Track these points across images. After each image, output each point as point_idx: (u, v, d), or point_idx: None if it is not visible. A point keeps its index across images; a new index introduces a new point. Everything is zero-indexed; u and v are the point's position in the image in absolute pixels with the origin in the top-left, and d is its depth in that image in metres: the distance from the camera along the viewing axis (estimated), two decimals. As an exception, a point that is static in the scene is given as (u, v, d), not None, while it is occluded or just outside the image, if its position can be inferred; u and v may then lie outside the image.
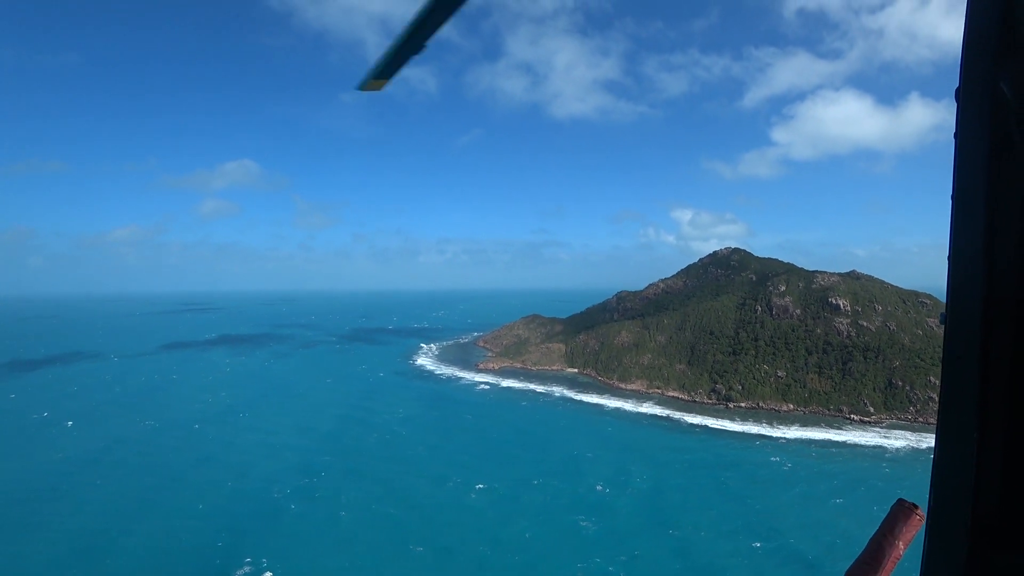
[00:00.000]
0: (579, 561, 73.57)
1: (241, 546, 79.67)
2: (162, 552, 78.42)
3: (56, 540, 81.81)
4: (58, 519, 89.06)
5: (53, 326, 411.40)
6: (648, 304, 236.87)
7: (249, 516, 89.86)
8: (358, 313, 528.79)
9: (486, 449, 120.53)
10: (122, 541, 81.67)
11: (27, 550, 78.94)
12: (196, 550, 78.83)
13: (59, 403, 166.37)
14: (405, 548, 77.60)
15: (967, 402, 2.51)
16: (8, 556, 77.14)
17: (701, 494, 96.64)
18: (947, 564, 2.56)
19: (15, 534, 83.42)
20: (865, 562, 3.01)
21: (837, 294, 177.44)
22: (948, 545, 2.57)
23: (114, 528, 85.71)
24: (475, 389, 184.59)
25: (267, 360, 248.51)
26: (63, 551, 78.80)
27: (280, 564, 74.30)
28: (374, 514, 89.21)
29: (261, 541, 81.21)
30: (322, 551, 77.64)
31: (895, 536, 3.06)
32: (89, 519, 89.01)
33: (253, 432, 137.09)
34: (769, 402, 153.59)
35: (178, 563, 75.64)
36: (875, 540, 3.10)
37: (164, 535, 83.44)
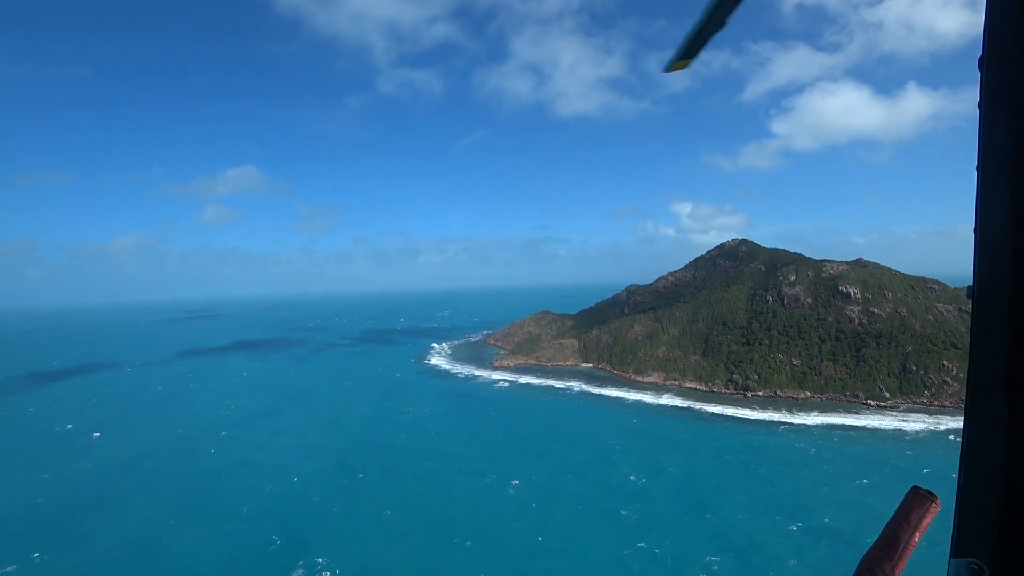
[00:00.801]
0: (625, 546, 76.73)
1: (296, 545, 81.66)
2: (218, 554, 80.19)
3: (110, 547, 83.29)
4: (106, 527, 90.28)
5: (61, 337, 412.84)
6: (658, 297, 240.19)
7: (296, 516, 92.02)
8: (364, 315, 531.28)
9: (516, 444, 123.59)
10: (175, 546, 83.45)
11: (84, 558, 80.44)
12: (252, 551, 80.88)
13: (82, 413, 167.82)
14: (456, 541, 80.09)
15: (996, 377, 2.48)
16: (69, 565, 78.66)
17: (732, 479, 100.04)
18: (977, 545, 2.53)
19: (69, 543, 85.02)
20: (880, 548, 3.05)
21: (847, 282, 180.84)
22: (978, 525, 2.54)
23: (164, 534, 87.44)
24: (494, 386, 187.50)
25: (284, 364, 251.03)
26: (119, 557, 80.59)
27: (339, 562, 76.37)
28: (419, 510, 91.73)
29: (313, 540, 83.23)
30: (376, 547, 79.90)
31: (910, 523, 3.10)
32: (137, 526, 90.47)
33: (283, 435, 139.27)
34: (786, 390, 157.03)
35: (238, 565, 77.39)
36: (890, 527, 3.16)
37: (217, 538, 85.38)
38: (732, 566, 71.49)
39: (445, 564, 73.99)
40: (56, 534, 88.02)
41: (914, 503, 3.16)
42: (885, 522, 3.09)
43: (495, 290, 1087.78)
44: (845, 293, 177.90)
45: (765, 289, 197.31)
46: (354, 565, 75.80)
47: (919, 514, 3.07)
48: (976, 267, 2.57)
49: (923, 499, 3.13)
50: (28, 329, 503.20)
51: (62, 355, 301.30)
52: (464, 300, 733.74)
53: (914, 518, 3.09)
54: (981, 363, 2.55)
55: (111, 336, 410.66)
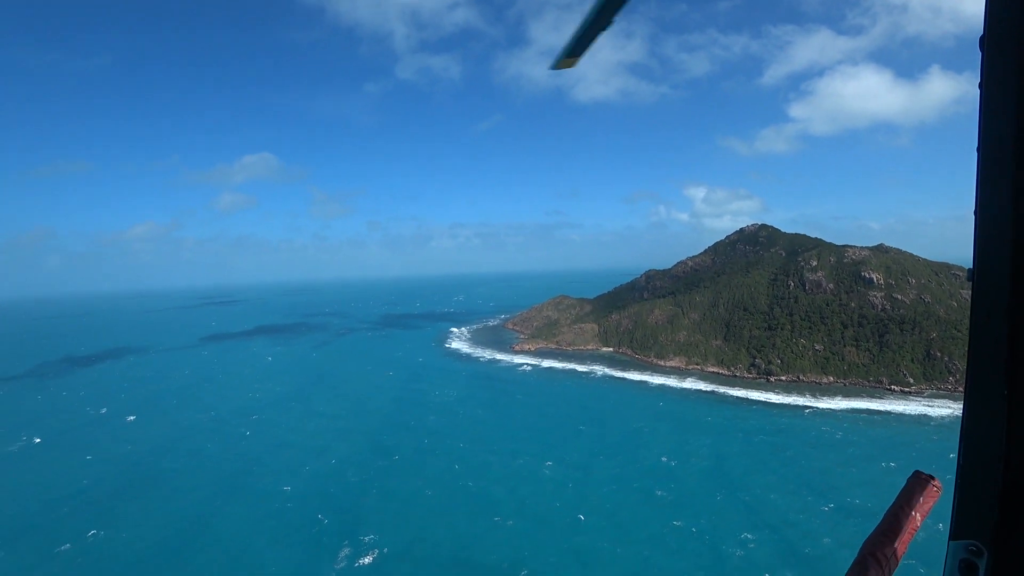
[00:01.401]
0: (662, 524, 79.67)
1: (342, 524, 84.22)
2: (267, 532, 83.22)
3: (162, 525, 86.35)
4: (155, 506, 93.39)
5: (86, 324, 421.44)
6: (677, 282, 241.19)
7: (338, 496, 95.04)
8: (381, 300, 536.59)
9: (545, 426, 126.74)
10: (224, 524, 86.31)
11: (138, 535, 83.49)
12: (300, 528, 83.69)
13: (115, 397, 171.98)
14: (497, 520, 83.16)
15: (996, 360, 2.49)
16: (125, 541, 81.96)
17: (761, 459, 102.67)
18: (976, 527, 2.55)
19: (122, 521, 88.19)
20: (883, 532, 3.07)
21: (869, 268, 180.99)
22: (978, 508, 2.55)
23: (212, 512, 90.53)
24: (517, 370, 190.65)
25: (307, 349, 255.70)
26: (171, 533, 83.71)
27: (386, 539, 78.94)
28: (458, 489, 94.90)
29: (358, 519, 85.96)
30: (421, 525, 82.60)
31: (912, 507, 3.13)
32: (185, 505, 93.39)
33: (315, 418, 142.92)
34: (809, 375, 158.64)
35: (288, 542, 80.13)
36: (892, 511, 3.17)
37: (263, 516, 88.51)
38: (767, 542, 74.17)
39: (490, 541, 77.04)
40: (108, 513, 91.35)
41: (916, 487, 3.26)
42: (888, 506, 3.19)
43: (508, 275, 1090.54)
44: (868, 279, 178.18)
45: (786, 274, 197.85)
46: (401, 542, 78.54)
47: (921, 498, 3.17)
48: (976, 250, 2.59)
49: (925, 483, 3.24)
50: (53, 315, 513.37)
51: (89, 341, 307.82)
52: (478, 285, 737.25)
53: (916, 502, 3.18)
54: (981, 346, 2.58)
55: (134, 322, 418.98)
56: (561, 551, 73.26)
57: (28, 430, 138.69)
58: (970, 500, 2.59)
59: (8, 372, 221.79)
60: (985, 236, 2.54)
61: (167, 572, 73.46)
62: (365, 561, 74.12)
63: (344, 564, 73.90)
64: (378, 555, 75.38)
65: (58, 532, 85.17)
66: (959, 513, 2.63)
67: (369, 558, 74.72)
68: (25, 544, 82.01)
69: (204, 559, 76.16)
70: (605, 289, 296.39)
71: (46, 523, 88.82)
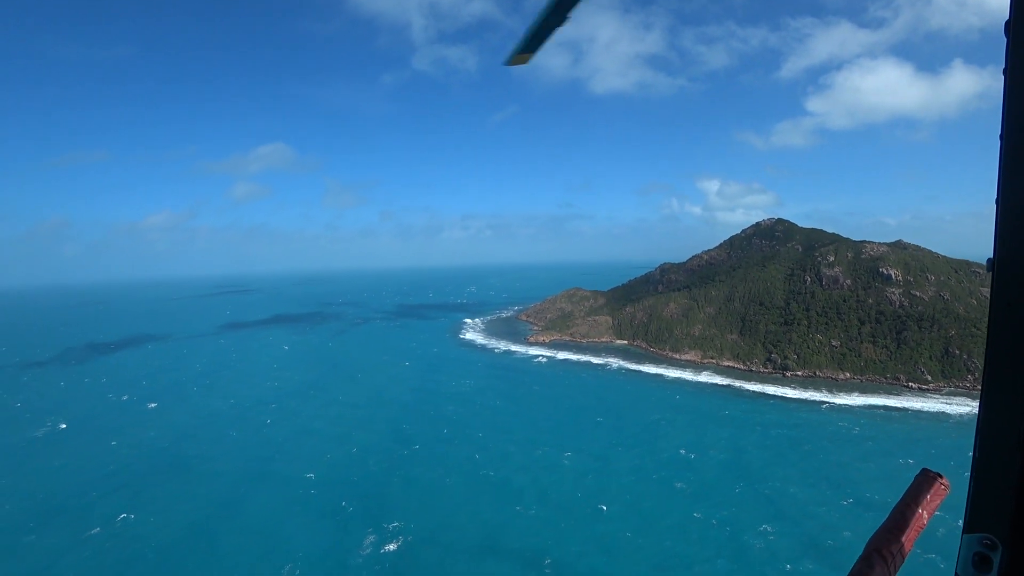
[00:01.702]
0: (683, 514, 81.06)
1: (367, 510, 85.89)
2: (295, 517, 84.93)
3: (191, 509, 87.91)
4: (183, 490, 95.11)
5: (105, 312, 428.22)
6: (692, 276, 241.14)
7: (361, 483, 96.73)
8: (393, 290, 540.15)
9: (563, 417, 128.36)
10: (252, 508, 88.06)
11: (169, 519, 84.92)
12: (326, 514, 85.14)
13: (136, 385, 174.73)
14: (519, 509, 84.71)
15: (1016, 351, 2.45)
16: (157, 525, 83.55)
17: (779, 453, 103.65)
18: (991, 520, 2.52)
19: (151, 505, 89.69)
20: (889, 529, 3.07)
21: (887, 264, 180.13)
22: (993, 501, 2.52)
23: (239, 497, 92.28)
24: (532, 361, 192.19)
25: (324, 338, 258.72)
26: (200, 518, 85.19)
27: (411, 526, 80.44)
28: (481, 478, 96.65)
29: (382, 505, 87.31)
30: (444, 513, 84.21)
31: (919, 504, 3.15)
32: (212, 490, 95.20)
33: (335, 406, 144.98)
34: (826, 371, 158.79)
35: (314, 526, 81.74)
36: (899, 508, 3.18)
37: (289, 502, 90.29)
38: (788, 534, 75.35)
39: (514, 529, 78.76)
40: (137, 497, 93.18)
41: (923, 484, 3.26)
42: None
43: (519, 266, 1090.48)
44: (886, 275, 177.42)
45: (803, 269, 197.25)
46: (426, 529, 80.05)
47: (928, 495, 3.17)
48: (997, 239, 2.55)
49: (932, 480, 3.24)
50: (73, 304, 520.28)
51: (109, 329, 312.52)
52: (489, 276, 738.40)
53: (923, 499, 3.17)
54: (1000, 337, 2.55)
55: (152, 311, 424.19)
56: (584, 539, 74.86)
57: (53, 416, 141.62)
58: (986, 493, 2.55)
59: (32, 358, 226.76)
60: (1006, 225, 2.49)
61: (199, 555, 75.16)
62: (390, 547, 75.78)
63: (370, 550, 75.18)
64: (403, 542, 76.99)
65: (88, 516, 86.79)
66: (974, 506, 2.60)
67: (394, 545, 76.35)
68: (57, 527, 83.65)
69: (235, 543, 77.96)
70: (617, 282, 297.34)
71: (76, 506, 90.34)
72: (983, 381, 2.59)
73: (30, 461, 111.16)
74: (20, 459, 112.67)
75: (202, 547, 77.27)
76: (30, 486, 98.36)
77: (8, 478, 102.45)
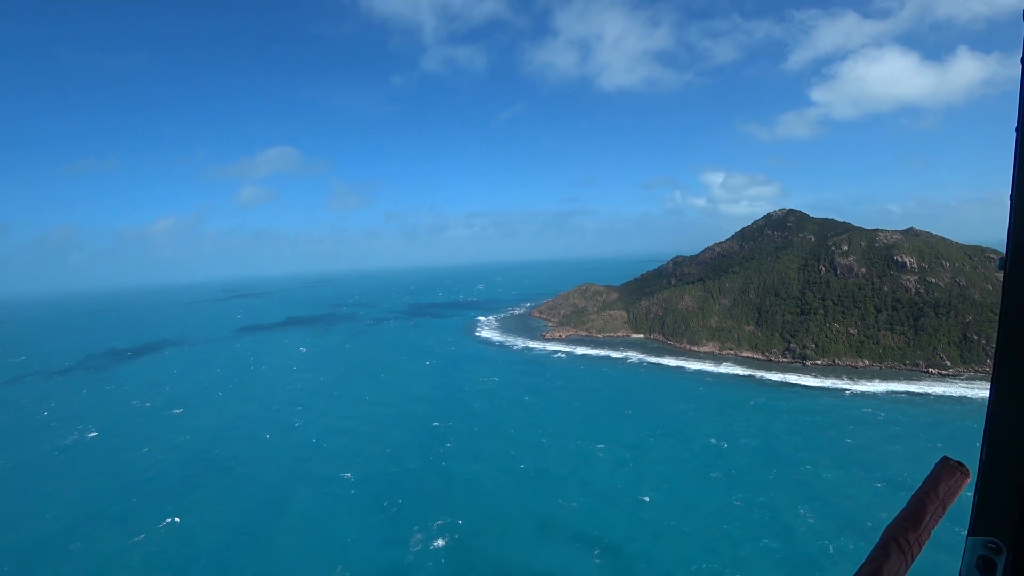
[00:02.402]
0: (722, 500, 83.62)
1: (411, 506, 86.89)
2: (338, 515, 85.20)
3: (239, 510, 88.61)
4: (227, 492, 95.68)
5: (119, 318, 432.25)
6: (706, 268, 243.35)
7: (402, 479, 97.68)
8: (403, 290, 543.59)
9: (592, 410, 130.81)
10: (295, 508, 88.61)
11: (218, 520, 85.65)
12: (372, 513, 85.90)
13: (159, 390, 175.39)
14: (561, 501, 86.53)
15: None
16: (204, 527, 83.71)
17: (807, 439, 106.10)
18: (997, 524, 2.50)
19: (199, 508, 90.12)
20: (906, 518, 3.03)
21: (901, 252, 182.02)
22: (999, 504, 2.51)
23: (282, 497, 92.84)
24: (552, 357, 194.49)
25: (341, 339, 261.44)
26: (249, 519, 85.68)
27: (460, 519, 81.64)
28: (519, 472, 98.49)
29: (426, 501, 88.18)
30: (491, 506, 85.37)
31: (938, 494, 3.09)
32: (254, 490, 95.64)
33: (363, 405, 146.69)
34: (844, 359, 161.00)
35: (361, 523, 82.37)
36: (917, 497, 3.14)
37: (333, 501, 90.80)
38: (827, 515, 77.90)
39: (561, 518, 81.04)
40: (180, 500, 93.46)
41: (943, 473, 3.26)
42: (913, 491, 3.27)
43: (524, 263, 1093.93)
44: (900, 263, 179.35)
45: (817, 259, 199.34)
46: (472, 523, 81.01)
47: (948, 485, 3.14)
48: (1010, 237, 2.47)
49: (953, 470, 3.24)
50: (87, 311, 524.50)
51: (126, 335, 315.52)
52: (496, 274, 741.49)
53: (942, 489, 3.15)
54: (1010, 338, 2.50)
55: (166, 316, 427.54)
56: (631, 525, 77.39)
57: (81, 423, 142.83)
58: (992, 496, 2.54)
59: (53, 366, 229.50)
60: (1021, 223, 2.43)
61: (253, 556, 75.77)
62: (440, 543, 76.69)
63: (420, 547, 76.08)
64: (452, 537, 77.73)
65: (133, 521, 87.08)
66: (979, 508, 2.60)
67: (443, 540, 77.22)
68: (103, 533, 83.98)
69: (286, 543, 78.96)
70: (623, 276, 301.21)
71: (119, 512, 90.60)
72: (992, 381, 2.61)
73: (66, 469, 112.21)
74: (56, 467, 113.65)
75: (254, 549, 77.64)
76: (70, 493, 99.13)
77: (47, 486, 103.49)
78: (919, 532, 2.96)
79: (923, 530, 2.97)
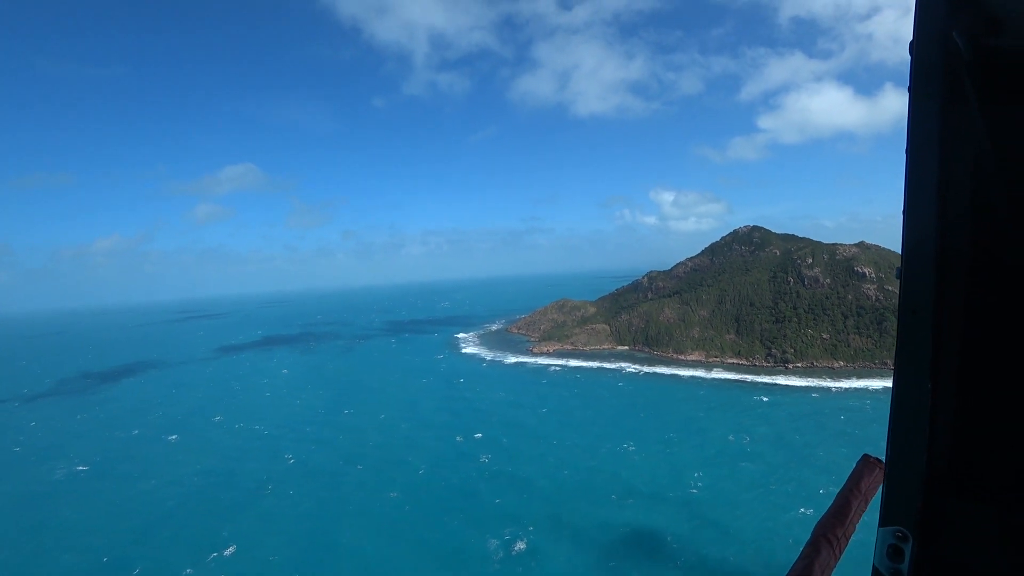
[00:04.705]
0: (760, 490, 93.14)
1: (471, 521, 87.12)
2: (397, 539, 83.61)
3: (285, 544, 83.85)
4: (264, 525, 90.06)
5: (72, 342, 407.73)
6: (680, 282, 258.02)
7: (449, 497, 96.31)
8: (368, 309, 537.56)
9: (608, 415, 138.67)
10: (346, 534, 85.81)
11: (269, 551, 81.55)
12: (434, 527, 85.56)
13: (142, 417, 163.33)
14: (614, 498, 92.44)
15: (922, 355, 2.57)
16: (258, 560, 79.59)
17: (815, 431, 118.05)
18: (903, 512, 2.68)
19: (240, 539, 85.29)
20: (833, 515, 3.26)
21: (860, 263, 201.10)
22: (904, 495, 2.68)
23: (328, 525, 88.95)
24: (548, 370, 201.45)
25: (328, 358, 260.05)
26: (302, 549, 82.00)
27: (528, 526, 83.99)
28: (563, 479, 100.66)
29: (486, 513, 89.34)
30: (555, 512, 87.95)
31: (860, 489, 3.34)
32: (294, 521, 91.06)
33: (379, 424, 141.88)
34: (822, 361, 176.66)
35: (424, 544, 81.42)
36: (842, 494, 3.36)
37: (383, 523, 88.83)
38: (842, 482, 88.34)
39: (624, 516, 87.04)
40: (215, 534, 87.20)
41: (864, 470, 3.51)
42: None
43: (479, 281, 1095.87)
44: (860, 273, 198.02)
45: (785, 271, 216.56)
46: (541, 528, 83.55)
47: (868, 481, 3.41)
48: (904, 250, 2.68)
49: (872, 466, 3.50)
50: (27, 335, 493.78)
51: (87, 359, 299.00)
52: (454, 292, 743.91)
53: (864, 485, 3.40)
54: (907, 341, 2.67)
55: (124, 338, 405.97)
56: (691, 520, 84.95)
57: (64, 457, 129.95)
58: (897, 488, 2.73)
59: (13, 393, 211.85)
60: (911, 237, 2.63)
61: None
62: (520, 547, 78.96)
63: (502, 554, 77.37)
64: (529, 541, 79.91)
65: (170, 560, 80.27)
66: (887, 501, 2.79)
67: (523, 544, 79.43)
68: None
69: (357, 567, 76.98)
70: (585, 292, 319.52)
71: (147, 555, 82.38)
72: (893, 382, 2.78)
73: (63, 510, 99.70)
74: (52, 509, 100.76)
75: (324, 569, 75.87)
76: (78, 540, 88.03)
77: (44, 536, 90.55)
78: (845, 527, 3.23)
79: (848, 524, 3.26)
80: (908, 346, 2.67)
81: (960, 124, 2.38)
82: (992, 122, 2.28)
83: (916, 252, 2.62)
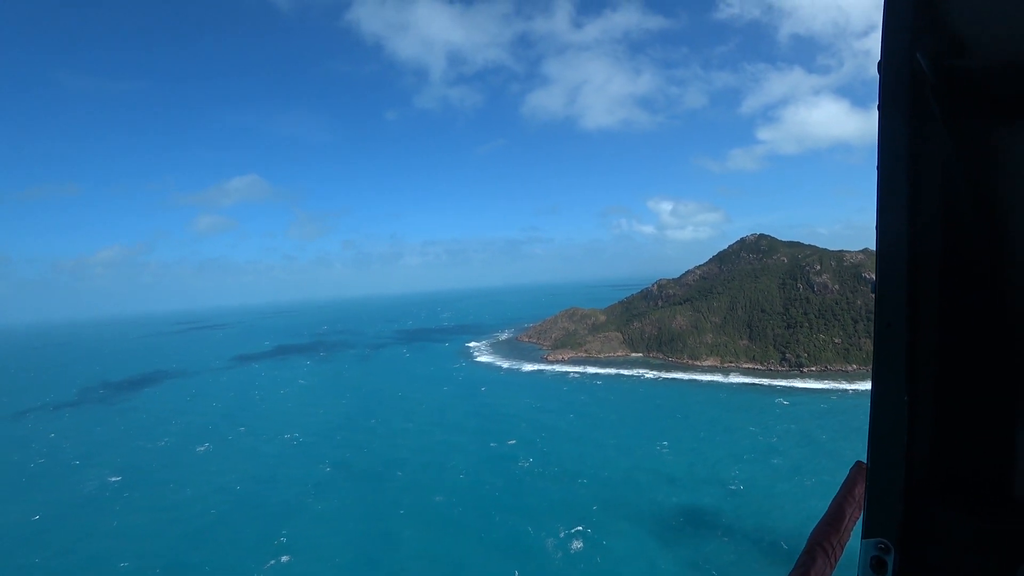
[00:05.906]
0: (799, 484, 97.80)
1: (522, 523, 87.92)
2: (461, 541, 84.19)
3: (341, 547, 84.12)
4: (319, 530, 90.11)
5: (82, 352, 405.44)
6: (690, 290, 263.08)
7: (497, 496, 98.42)
8: (373, 319, 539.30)
9: (636, 418, 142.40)
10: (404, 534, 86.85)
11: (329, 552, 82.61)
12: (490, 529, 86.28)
13: (168, 426, 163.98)
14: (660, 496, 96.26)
15: (897, 367, 2.61)
16: (320, 568, 79.50)
17: (838, 429, 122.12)
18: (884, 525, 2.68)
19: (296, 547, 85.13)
20: (828, 523, 3.26)
21: (867, 269, 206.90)
22: (884, 507, 2.68)
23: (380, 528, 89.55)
24: (567, 377, 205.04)
25: (345, 366, 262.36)
26: (363, 552, 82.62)
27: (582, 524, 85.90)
28: (606, 480, 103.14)
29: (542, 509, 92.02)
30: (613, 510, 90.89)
31: (854, 496, 3.33)
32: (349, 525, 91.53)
33: (408, 432, 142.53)
34: (835, 364, 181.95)
35: (486, 544, 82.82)
36: (836, 502, 3.36)
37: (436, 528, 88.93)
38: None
39: (672, 500, 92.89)
40: (269, 541, 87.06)
41: (858, 477, 3.48)
42: None
43: (478, 291, 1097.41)
44: (868, 279, 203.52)
45: (794, 278, 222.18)
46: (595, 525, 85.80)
47: (862, 488, 3.20)
48: (878, 264, 2.73)
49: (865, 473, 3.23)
50: (38, 346, 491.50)
51: (100, 369, 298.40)
52: (456, 301, 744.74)
53: (858, 492, 3.35)
54: (883, 354, 2.72)
55: (132, 350, 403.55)
56: (735, 504, 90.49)
57: (94, 467, 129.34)
58: (878, 500, 2.73)
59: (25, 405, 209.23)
60: (885, 252, 2.68)
61: None
62: (577, 545, 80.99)
63: (561, 555, 78.73)
64: (586, 538, 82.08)
65: (232, 562, 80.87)
66: (869, 512, 2.77)
67: (579, 543, 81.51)
68: None
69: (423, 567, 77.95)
70: (588, 301, 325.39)
71: (207, 559, 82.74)
72: (871, 394, 2.79)
73: (109, 518, 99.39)
74: (98, 517, 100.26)
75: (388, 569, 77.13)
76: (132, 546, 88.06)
77: (103, 539, 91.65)
78: (840, 534, 3.24)
79: (843, 532, 3.27)
80: (883, 356, 2.75)
81: (927, 143, 2.50)
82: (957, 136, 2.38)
83: (889, 266, 2.69)
